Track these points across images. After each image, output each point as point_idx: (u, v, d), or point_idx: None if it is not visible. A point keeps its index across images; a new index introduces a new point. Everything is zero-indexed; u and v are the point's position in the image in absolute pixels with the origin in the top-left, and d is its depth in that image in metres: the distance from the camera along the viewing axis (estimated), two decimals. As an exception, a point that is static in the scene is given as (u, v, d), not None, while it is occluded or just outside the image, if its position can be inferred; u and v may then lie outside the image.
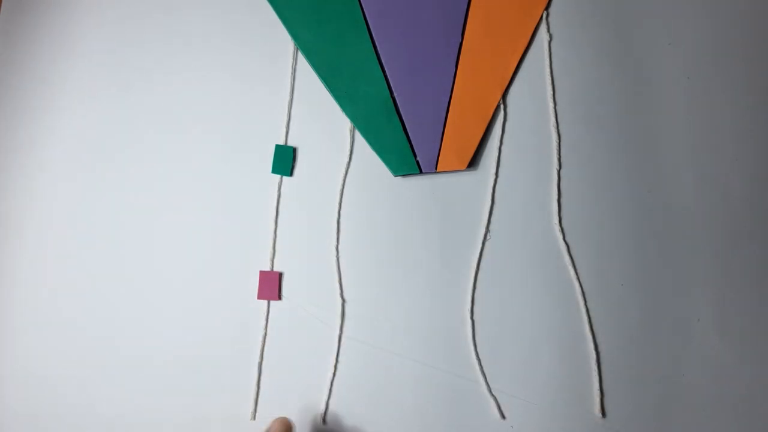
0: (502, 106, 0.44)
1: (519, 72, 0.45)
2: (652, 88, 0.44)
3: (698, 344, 0.40)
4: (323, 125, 0.44)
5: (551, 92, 0.44)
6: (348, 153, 0.44)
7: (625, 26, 0.44)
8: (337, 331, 0.42)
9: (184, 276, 0.43)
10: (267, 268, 0.43)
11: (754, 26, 0.43)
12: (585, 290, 0.41)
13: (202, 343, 0.42)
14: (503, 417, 0.40)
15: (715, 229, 0.42)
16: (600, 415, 0.40)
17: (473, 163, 0.43)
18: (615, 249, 0.42)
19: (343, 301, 0.42)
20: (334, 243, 0.43)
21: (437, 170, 0.43)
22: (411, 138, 0.43)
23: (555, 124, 0.43)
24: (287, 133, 0.44)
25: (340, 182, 0.43)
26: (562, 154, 0.43)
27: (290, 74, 0.45)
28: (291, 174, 0.44)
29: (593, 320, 0.41)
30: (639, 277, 0.41)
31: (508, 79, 0.44)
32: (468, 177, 0.43)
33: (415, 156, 0.43)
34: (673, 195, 0.42)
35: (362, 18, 0.45)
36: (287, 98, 0.45)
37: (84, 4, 0.47)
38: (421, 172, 0.43)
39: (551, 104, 0.44)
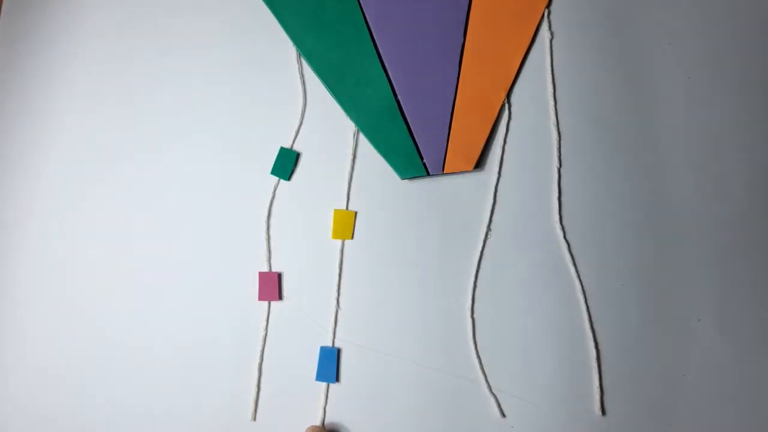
0: (506, 106, 0.44)
1: (522, 71, 0.44)
2: (652, 87, 0.44)
3: (698, 344, 0.41)
4: (326, 129, 0.44)
5: (552, 91, 0.44)
6: (351, 157, 0.43)
7: (626, 25, 0.44)
8: (332, 335, 0.42)
9: (184, 276, 0.42)
10: (267, 269, 0.43)
11: (754, 26, 0.43)
12: (585, 288, 0.42)
13: (203, 343, 0.41)
14: (503, 416, 0.40)
15: (715, 228, 0.42)
16: (600, 413, 0.40)
17: (479, 163, 0.43)
18: (615, 247, 0.42)
19: (338, 307, 0.42)
20: (339, 245, 0.43)
21: (444, 172, 0.43)
22: (417, 140, 0.43)
23: (555, 123, 0.43)
24: (295, 137, 0.44)
25: (345, 185, 0.43)
26: (562, 153, 0.43)
27: (299, 79, 0.44)
28: (289, 178, 0.43)
29: (593, 318, 0.41)
30: (639, 276, 0.42)
31: (512, 78, 0.44)
32: (472, 177, 0.43)
33: (421, 158, 0.43)
34: (673, 194, 0.43)
35: (364, 22, 0.44)
36: (300, 103, 0.44)
37: (85, 6, 0.46)
38: (428, 174, 0.43)
39: (552, 103, 0.44)
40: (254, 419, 0.41)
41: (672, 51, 0.44)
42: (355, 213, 0.43)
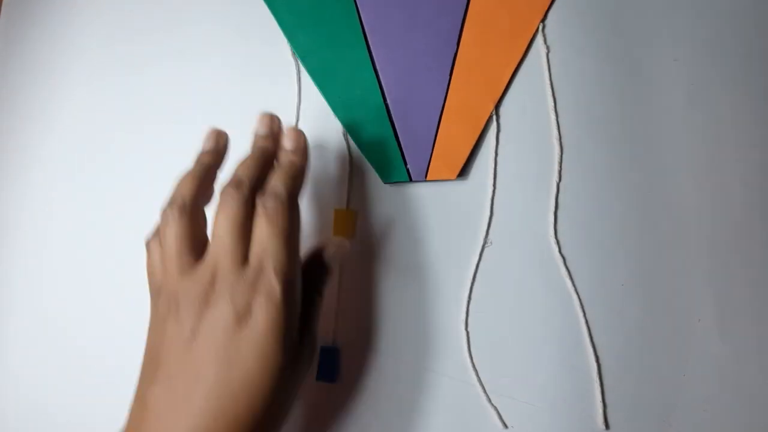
0: (494, 118, 0.44)
1: (513, 84, 0.45)
2: (653, 102, 0.44)
3: (700, 348, 0.40)
4: (327, 129, 0.45)
5: (552, 104, 0.44)
6: (346, 159, 0.44)
7: (625, 38, 0.45)
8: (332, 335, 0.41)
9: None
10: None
11: (755, 31, 0.44)
12: (582, 300, 0.41)
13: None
14: (506, 427, 0.39)
15: (715, 229, 0.42)
16: (603, 426, 0.39)
17: (464, 173, 0.43)
18: (614, 252, 0.42)
19: (338, 307, 0.41)
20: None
21: (427, 179, 0.43)
22: (402, 145, 0.44)
23: (558, 137, 0.43)
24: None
25: (345, 185, 0.43)
26: (563, 167, 0.43)
27: (295, 78, 0.45)
28: None
29: (593, 331, 0.40)
30: (639, 281, 0.41)
31: (501, 91, 0.45)
32: (461, 187, 0.44)
33: (405, 164, 0.43)
34: (673, 204, 0.42)
35: (359, 23, 0.46)
36: (295, 101, 0.45)
37: (85, 8, 0.47)
38: (410, 179, 0.43)
39: (553, 116, 0.44)
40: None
41: (675, 66, 0.44)
42: (355, 213, 0.42)
